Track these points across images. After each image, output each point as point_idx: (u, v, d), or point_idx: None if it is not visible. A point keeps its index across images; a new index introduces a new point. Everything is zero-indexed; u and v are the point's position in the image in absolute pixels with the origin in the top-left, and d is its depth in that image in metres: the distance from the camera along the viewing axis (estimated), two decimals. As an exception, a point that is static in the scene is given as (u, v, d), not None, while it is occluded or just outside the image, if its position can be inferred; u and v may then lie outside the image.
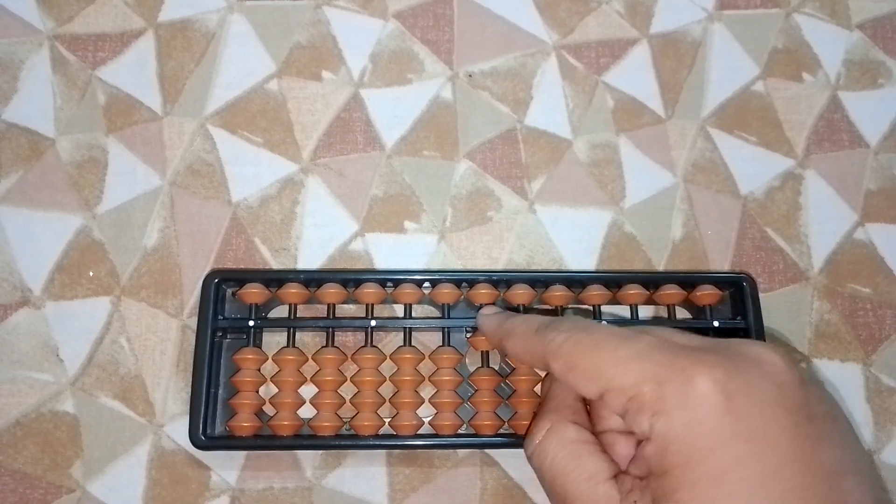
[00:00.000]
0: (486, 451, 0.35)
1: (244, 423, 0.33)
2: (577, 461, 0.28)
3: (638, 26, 0.42)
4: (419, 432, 0.34)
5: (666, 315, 0.36)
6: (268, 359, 0.35)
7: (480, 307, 0.35)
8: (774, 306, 0.38)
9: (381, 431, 0.34)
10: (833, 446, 0.24)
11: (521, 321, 0.31)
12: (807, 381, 0.25)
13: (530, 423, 0.31)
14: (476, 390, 0.34)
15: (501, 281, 0.36)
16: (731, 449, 0.23)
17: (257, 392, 0.34)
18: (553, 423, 0.29)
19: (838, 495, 0.23)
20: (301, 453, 0.35)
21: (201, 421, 0.33)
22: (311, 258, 0.37)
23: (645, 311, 0.37)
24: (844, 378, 0.37)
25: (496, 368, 0.35)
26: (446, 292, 0.35)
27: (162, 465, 0.35)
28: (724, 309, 0.37)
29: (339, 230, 0.38)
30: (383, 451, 0.35)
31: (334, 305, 0.35)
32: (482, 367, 0.35)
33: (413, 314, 0.36)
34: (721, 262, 0.38)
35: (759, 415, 0.24)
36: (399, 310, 0.37)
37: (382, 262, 0.38)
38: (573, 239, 0.38)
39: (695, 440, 0.24)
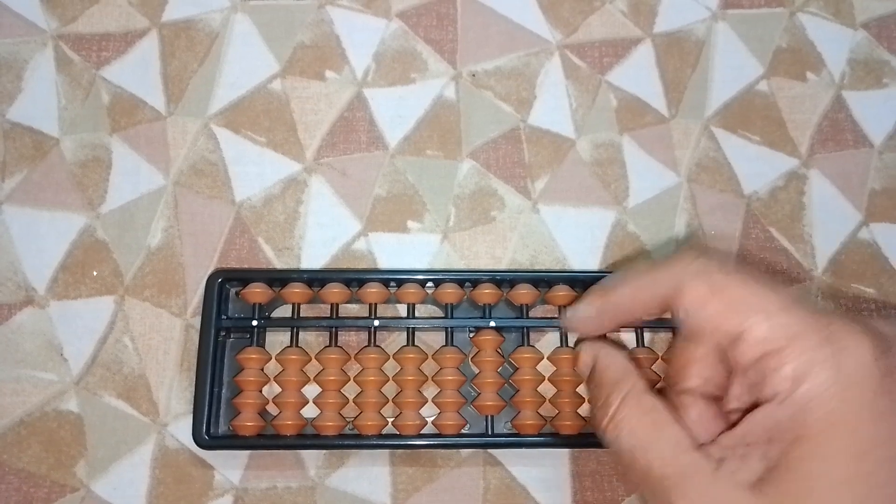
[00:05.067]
0: (490, 450, 0.35)
1: (247, 423, 0.33)
2: (659, 431, 0.26)
3: (642, 26, 0.42)
4: (422, 432, 0.34)
5: (669, 315, 0.36)
6: (271, 358, 0.35)
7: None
8: (778, 306, 0.38)
9: (385, 431, 0.34)
10: None
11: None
12: None
13: (591, 397, 0.30)
14: (479, 394, 0.34)
15: (505, 281, 0.36)
16: (885, 425, 0.21)
17: (261, 392, 0.34)
18: (627, 392, 0.27)
19: None
20: (304, 453, 0.35)
21: (205, 420, 0.33)
22: (314, 258, 0.37)
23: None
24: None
25: (498, 371, 0.35)
26: (449, 292, 0.35)
27: (165, 465, 0.35)
28: (727, 309, 0.37)
29: (343, 230, 0.38)
30: (386, 451, 0.35)
31: (337, 305, 0.35)
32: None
33: (416, 314, 0.36)
34: (725, 261, 0.38)
35: None
36: (402, 309, 0.37)
37: (386, 261, 0.38)
38: (576, 238, 0.38)
39: (847, 409, 0.22)
